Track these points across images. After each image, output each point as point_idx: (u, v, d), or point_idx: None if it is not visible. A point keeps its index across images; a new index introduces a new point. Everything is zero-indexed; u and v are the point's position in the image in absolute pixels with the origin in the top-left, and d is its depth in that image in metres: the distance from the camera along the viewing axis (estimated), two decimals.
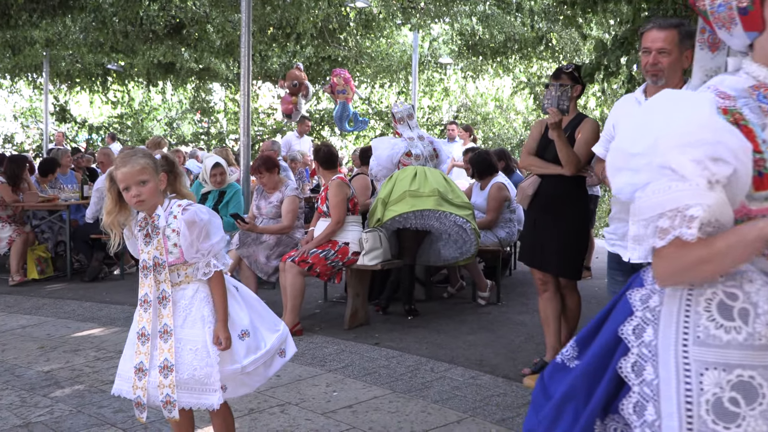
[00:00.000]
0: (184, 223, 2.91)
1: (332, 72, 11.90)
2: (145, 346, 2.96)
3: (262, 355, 3.11)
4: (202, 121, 23.27)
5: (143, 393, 2.96)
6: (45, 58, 16.17)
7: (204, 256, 2.95)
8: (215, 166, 6.91)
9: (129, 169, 2.89)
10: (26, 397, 4.45)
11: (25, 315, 6.70)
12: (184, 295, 2.99)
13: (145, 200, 2.91)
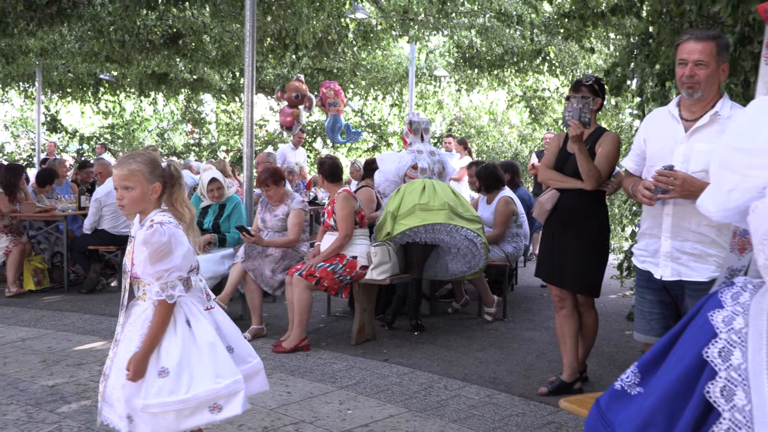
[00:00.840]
0: (141, 239, 2.77)
1: (322, 84, 11.84)
2: (111, 351, 2.94)
3: (176, 402, 2.76)
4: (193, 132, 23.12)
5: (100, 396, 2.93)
6: (38, 67, 16.03)
7: (154, 279, 2.79)
8: (212, 182, 6.81)
9: (118, 172, 2.85)
10: (32, 413, 4.33)
11: (24, 327, 6.56)
12: (136, 311, 2.88)
13: (125, 206, 2.86)
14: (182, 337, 2.81)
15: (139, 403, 2.76)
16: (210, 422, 2.84)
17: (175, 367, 2.77)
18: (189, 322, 2.85)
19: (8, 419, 4.23)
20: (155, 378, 2.76)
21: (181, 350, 2.79)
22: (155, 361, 2.77)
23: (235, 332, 3.01)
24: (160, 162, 2.92)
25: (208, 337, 2.85)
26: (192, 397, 2.77)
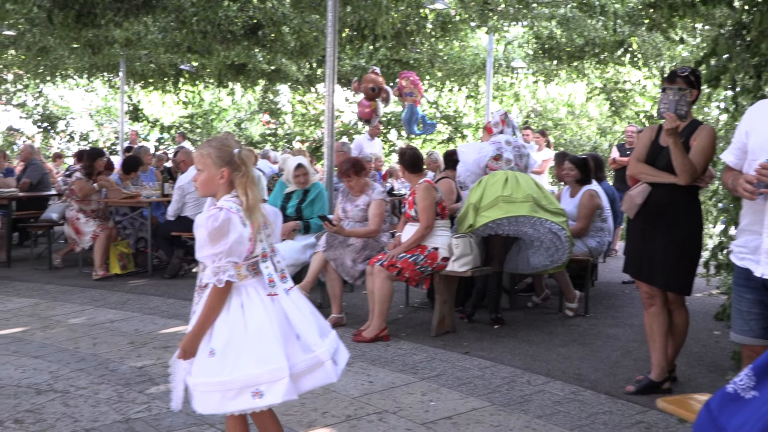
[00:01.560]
0: (205, 219, 2.80)
1: (400, 74, 11.79)
2: None
3: (219, 383, 2.79)
4: (269, 122, 23.43)
5: None
6: (122, 57, 16.47)
7: (208, 262, 2.81)
8: (298, 167, 6.86)
9: (194, 154, 2.99)
10: (123, 393, 4.44)
11: (112, 309, 6.76)
12: (201, 296, 2.91)
13: (198, 188, 2.97)
14: (233, 321, 2.83)
15: (190, 380, 2.86)
16: (252, 408, 2.82)
17: (221, 349, 2.80)
18: (243, 305, 2.86)
19: (100, 398, 4.35)
20: (204, 358, 2.82)
21: (229, 333, 2.81)
22: (206, 342, 2.83)
23: (305, 321, 2.95)
24: (231, 148, 2.93)
25: (258, 323, 2.84)
26: (233, 380, 2.77)
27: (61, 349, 5.42)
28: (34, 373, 4.84)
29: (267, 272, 2.92)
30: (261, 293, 2.89)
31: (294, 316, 2.92)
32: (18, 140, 22.03)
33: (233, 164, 2.89)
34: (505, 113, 6.67)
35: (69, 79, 19.72)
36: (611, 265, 9.67)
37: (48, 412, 4.11)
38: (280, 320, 2.87)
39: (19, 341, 5.65)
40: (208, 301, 2.81)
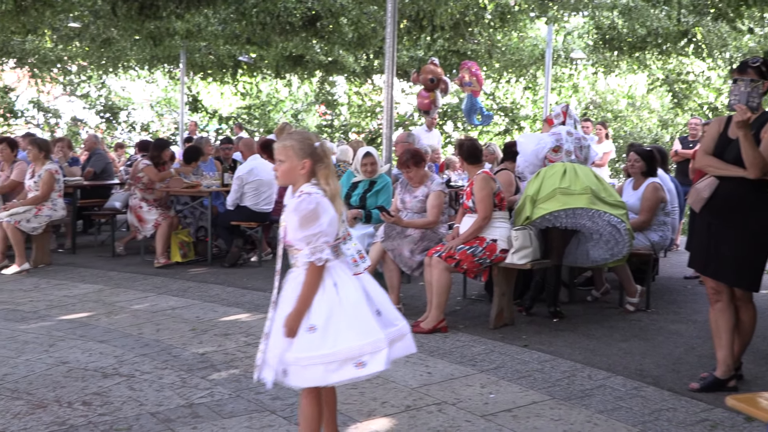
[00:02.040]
0: (290, 207, 3.03)
1: (461, 64, 11.71)
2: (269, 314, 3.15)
3: (322, 356, 2.95)
4: (326, 113, 23.56)
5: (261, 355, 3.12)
6: (182, 49, 16.71)
7: (303, 244, 2.99)
8: (366, 156, 6.87)
9: (276, 146, 3.14)
10: (186, 378, 4.53)
11: (174, 296, 6.89)
12: (292, 276, 3.11)
13: (279, 177, 3.12)
14: (329, 298, 3.02)
15: (291, 356, 2.99)
16: (355, 377, 3.01)
17: (322, 324, 2.97)
18: (336, 284, 3.05)
19: (164, 382, 4.44)
20: (305, 334, 2.98)
21: (328, 309, 3.00)
22: (305, 319, 2.99)
23: (382, 298, 3.18)
24: (312, 141, 3.11)
25: (352, 299, 3.05)
26: (336, 352, 2.95)
27: (126, 334, 5.55)
28: (100, 357, 4.97)
29: (350, 253, 3.17)
30: (347, 272, 3.10)
31: (374, 293, 3.16)
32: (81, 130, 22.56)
33: (315, 156, 3.07)
34: (567, 105, 6.60)
35: (131, 70, 20.11)
36: (672, 259, 9.48)
37: (114, 395, 4.22)
38: (366, 297, 3.09)
39: (85, 326, 5.80)
40: (307, 280, 3.00)
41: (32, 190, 8.43)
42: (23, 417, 3.89)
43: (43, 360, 4.88)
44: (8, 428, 3.74)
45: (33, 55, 17.66)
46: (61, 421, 3.83)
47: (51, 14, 12.31)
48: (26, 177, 8.56)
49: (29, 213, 8.29)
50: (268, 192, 8.50)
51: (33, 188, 8.43)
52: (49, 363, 4.82)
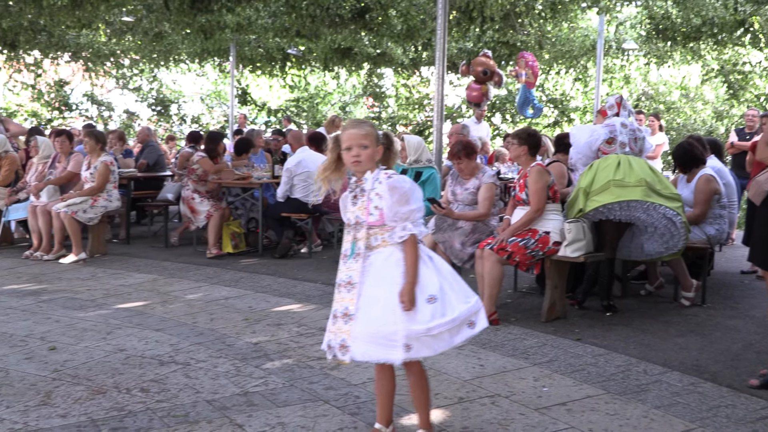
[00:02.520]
0: (387, 187, 3.16)
1: (518, 55, 11.61)
2: (339, 295, 3.28)
3: (448, 322, 3.17)
4: (373, 105, 23.58)
5: (332, 336, 3.25)
6: (232, 42, 16.87)
7: (401, 220, 3.16)
8: None
9: (356, 131, 3.21)
10: (240, 367, 4.58)
11: (226, 287, 6.98)
12: (379, 257, 3.20)
13: (361, 162, 3.20)
14: (431, 269, 3.23)
15: (419, 328, 3.12)
16: (471, 336, 3.29)
17: (439, 293, 3.18)
18: (429, 257, 3.29)
19: (219, 371, 4.50)
20: (425, 305, 3.14)
21: (437, 279, 3.21)
22: (420, 291, 3.15)
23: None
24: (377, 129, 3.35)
25: (446, 267, 3.33)
26: (457, 316, 3.20)
27: (180, 323, 5.64)
28: (156, 345, 5.06)
29: None
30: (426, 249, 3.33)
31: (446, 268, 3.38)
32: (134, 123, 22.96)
33: (386, 143, 3.28)
34: (621, 97, 6.50)
35: (181, 63, 20.39)
36: (727, 254, 9.28)
37: (171, 383, 4.29)
38: None
39: (141, 314, 5.91)
40: (411, 254, 3.16)
41: (88, 182, 8.62)
42: (84, 402, 3.98)
43: (102, 347, 4.99)
44: (70, 413, 3.83)
45: (87, 49, 18.03)
46: (120, 407, 3.91)
47: (105, 9, 12.56)
48: (82, 168, 8.75)
49: (85, 204, 8.47)
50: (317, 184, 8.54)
51: (89, 179, 8.61)
52: (107, 350, 4.92)
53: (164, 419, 3.75)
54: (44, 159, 9.21)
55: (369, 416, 3.79)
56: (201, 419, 3.75)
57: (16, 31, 14.76)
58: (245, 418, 3.77)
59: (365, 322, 3.14)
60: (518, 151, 5.96)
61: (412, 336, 3.11)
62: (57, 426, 3.66)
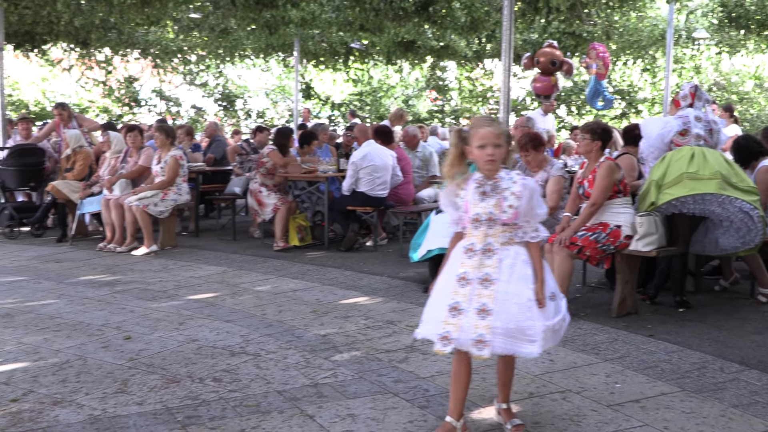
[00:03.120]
0: (526, 188, 3.28)
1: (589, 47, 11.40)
2: (464, 289, 3.27)
3: (560, 319, 3.39)
4: (437, 99, 23.51)
5: (454, 329, 3.23)
6: (296, 37, 17.01)
7: (533, 221, 3.32)
8: None
9: (493, 130, 3.27)
10: (309, 358, 4.63)
11: (293, 279, 7.05)
12: (509, 254, 3.30)
13: (495, 160, 3.27)
14: (547, 268, 3.41)
15: (549, 323, 3.30)
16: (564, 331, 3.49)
17: (556, 291, 3.41)
18: None
19: (289, 362, 4.56)
20: (550, 302, 3.33)
21: (548, 278, 3.37)
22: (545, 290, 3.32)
23: None
24: None
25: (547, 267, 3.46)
26: (566, 312, 3.46)
27: (250, 314, 5.73)
28: (227, 336, 5.14)
29: None
30: None
31: None
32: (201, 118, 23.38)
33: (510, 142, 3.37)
34: (696, 86, 6.31)
35: (246, 59, 20.66)
36: None
37: (242, 373, 4.36)
38: None
39: (211, 306, 6.02)
40: (540, 255, 3.37)
41: (159, 175, 8.81)
42: (159, 390, 4.07)
43: (175, 337, 5.10)
44: (146, 400, 3.93)
45: (156, 46, 18.41)
46: (194, 396, 3.99)
47: (173, 5, 12.79)
48: (153, 162, 8.95)
49: (156, 197, 8.66)
50: (382, 177, 8.55)
51: (159, 173, 8.80)
52: (180, 340, 5.03)
53: (237, 409, 3.81)
54: (116, 153, 9.46)
55: (438, 410, 3.79)
56: (272, 409, 3.80)
57: (87, 29, 15.16)
58: (316, 409, 3.80)
59: (505, 319, 3.20)
60: (590, 146, 5.85)
61: (546, 330, 3.27)
62: (134, 413, 3.76)
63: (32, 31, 14.93)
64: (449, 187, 3.42)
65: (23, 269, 7.61)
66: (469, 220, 3.33)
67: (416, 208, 8.89)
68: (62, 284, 6.86)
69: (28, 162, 9.98)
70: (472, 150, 3.30)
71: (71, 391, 4.08)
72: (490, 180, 3.32)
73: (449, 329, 3.24)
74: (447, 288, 3.32)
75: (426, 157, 9.90)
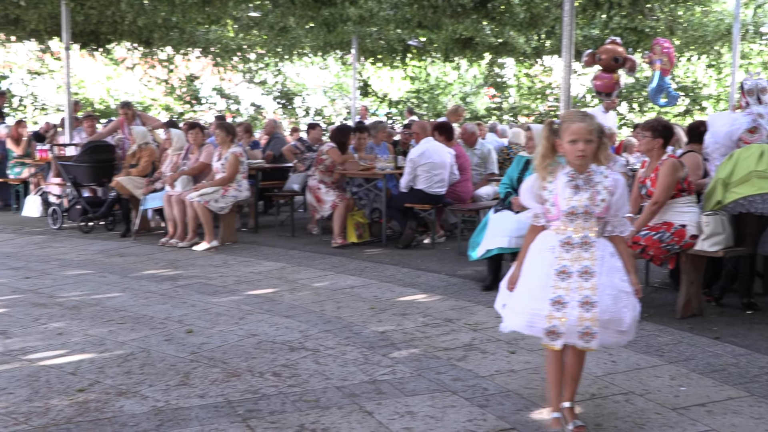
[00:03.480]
0: (618, 183, 3.34)
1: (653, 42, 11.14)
2: (565, 282, 3.30)
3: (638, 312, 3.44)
4: (495, 96, 23.32)
5: (561, 323, 3.25)
6: (354, 35, 17.06)
7: (619, 215, 3.38)
8: (527, 130, 6.71)
9: (586, 126, 3.28)
10: (368, 355, 4.64)
11: (351, 276, 7.08)
12: (599, 246, 3.35)
13: (586, 156, 3.30)
14: None
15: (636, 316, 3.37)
16: None
17: None
18: None
19: (348, 358, 4.57)
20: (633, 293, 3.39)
21: None
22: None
23: None
24: None
25: None
26: None
27: (309, 310, 5.77)
28: (286, 331, 5.19)
29: None
30: None
31: None
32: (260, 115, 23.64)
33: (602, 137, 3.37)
34: (741, 85, 6.12)
35: (305, 57, 20.80)
36: None
37: (302, 368, 4.39)
38: None
39: (271, 301, 6.08)
40: (627, 248, 3.52)
41: (219, 172, 8.93)
42: (220, 384, 4.13)
43: (235, 332, 5.17)
44: (208, 393, 3.98)
45: (216, 45, 18.67)
46: (254, 390, 4.03)
47: (233, 4, 12.97)
48: (213, 159, 9.08)
49: (217, 193, 8.79)
50: (440, 174, 8.50)
51: (220, 170, 8.93)
52: (240, 335, 5.09)
53: (296, 403, 3.84)
54: (178, 150, 9.63)
55: (498, 409, 3.76)
56: (331, 405, 3.82)
57: (150, 29, 15.45)
58: (374, 406, 3.80)
59: (605, 310, 3.25)
60: (652, 144, 5.73)
61: (633, 321, 3.34)
62: (196, 405, 3.82)
63: (97, 31, 15.30)
64: (535, 180, 3.43)
65: (89, 263, 7.81)
66: (564, 213, 3.34)
67: (474, 205, 8.83)
68: (126, 278, 7.01)
69: (101, 158, 10.24)
70: (562, 144, 3.33)
71: (135, 382, 4.17)
72: (582, 174, 3.34)
73: (555, 323, 3.27)
74: (544, 282, 3.33)
75: (484, 154, 9.82)
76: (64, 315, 5.65)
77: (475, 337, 5.04)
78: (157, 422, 3.61)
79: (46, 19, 13.32)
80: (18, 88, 21.17)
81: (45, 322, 5.43)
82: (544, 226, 3.45)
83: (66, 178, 10.40)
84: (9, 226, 10.74)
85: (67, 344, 4.89)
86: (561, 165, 3.40)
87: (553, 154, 3.39)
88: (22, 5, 12.24)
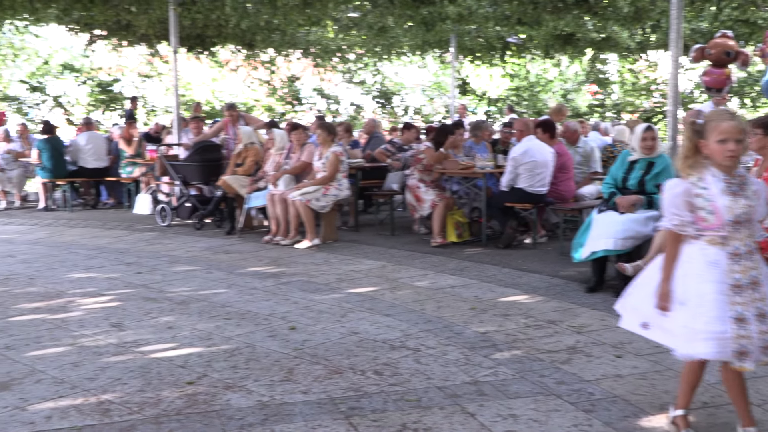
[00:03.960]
0: (762, 187, 3.23)
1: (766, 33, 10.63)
2: (740, 297, 3.12)
3: None
4: (597, 92, 22.79)
5: (748, 341, 3.08)
6: (453, 33, 17.00)
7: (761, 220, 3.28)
8: (647, 130, 6.46)
9: (736, 124, 3.11)
10: (469, 356, 4.60)
11: (451, 275, 7.05)
12: (756, 253, 3.20)
13: (737, 156, 3.12)
14: None
15: None
16: None
17: None
18: None
19: (449, 359, 4.55)
20: None
21: None
22: None
23: None
24: None
25: None
26: None
27: (409, 309, 5.77)
28: (387, 329, 5.21)
29: None
30: None
31: None
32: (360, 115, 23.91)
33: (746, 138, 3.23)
34: None
35: (403, 56, 20.88)
36: None
37: (403, 367, 4.39)
38: None
39: (371, 299, 6.12)
40: None
41: (320, 171, 9.06)
42: (323, 381, 4.18)
43: (337, 329, 5.22)
44: (311, 390, 4.04)
45: (316, 46, 18.98)
46: (356, 388, 4.06)
47: (333, 6, 13.14)
48: (314, 158, 9.22)
49: (318, 192, 8.92)
50: (542, 173, 8.36)
51: (321, 169, 9.06)
52: (342, 332, 5.14)
53: (398, 402, 3.85)
54: (280, 150, 9.83)
55: (604, 414, 3.66)
56: (433, 405, 3.81)
57: (253, 31, 15.84)
58: (476, 407, 3.77)
59: None
60: (763, 141, 5.47)
61: None
62: (300, 401, 3.88)
63: (203, 34, 15.80)
64: (684, 185, 3.17)
65: (196, 259, 8.07)
66: (729, 223, 3.10)
67: (577, 205, 8.64)
68: (232, 274, 7.20)
69: (210, 158, 10.60)
70: (708, 144, 3.13)
71: (241, 377, 4.27)
72: (734, 178, 3.14)
73: (743, 342, 3.08)
74: (720, 300, 3.10)
75: (587, 152, 9.60)
76: (174, 309, 5.85)
77: (580, 339, 4.93)
78: (263, 416, 3.69)
79: (155, 24, 13.87)
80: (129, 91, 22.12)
81: (156, 316, 5.64)
82: (690, 235, 3.20)
83: (175, 177, 10.79)
84: (122, 223, 11.24)
85: (176, 338, 5.06)
86: (706, 167, 3.17)
87: (695, 156, 3.18)
88: (132, 11, 12.78)
